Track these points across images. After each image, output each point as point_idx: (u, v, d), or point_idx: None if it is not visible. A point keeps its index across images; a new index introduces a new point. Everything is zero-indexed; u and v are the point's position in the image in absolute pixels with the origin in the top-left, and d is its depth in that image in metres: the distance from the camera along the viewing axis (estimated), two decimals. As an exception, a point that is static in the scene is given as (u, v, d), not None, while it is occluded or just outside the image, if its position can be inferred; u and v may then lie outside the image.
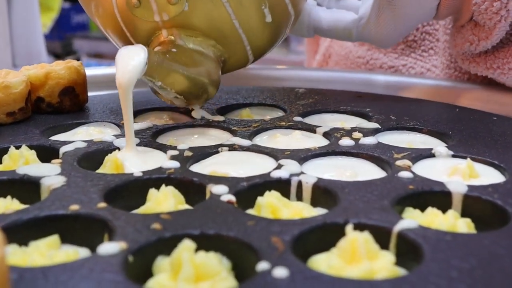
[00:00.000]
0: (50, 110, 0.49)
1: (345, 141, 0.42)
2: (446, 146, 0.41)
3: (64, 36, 2.75)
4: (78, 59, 2.63)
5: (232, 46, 0.45)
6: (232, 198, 0.32)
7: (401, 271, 0.27)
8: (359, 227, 0.29)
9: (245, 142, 0.41)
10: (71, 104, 0.50)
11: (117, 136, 0.43)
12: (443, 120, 0.48)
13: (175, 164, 0.37)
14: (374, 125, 0.46)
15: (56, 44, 2.74)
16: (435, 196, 0.34)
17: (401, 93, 0.60)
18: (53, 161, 0.38)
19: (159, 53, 0.40)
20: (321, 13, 0.55)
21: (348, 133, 0.44)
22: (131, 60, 0.37)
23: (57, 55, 2.78)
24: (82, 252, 0.29)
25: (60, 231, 0.30)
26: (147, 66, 0.38)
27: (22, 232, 0.29)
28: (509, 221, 0.30)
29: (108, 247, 0.26)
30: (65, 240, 0.30)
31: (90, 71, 0.58)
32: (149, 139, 0.43)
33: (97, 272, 0.25)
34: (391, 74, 0.67)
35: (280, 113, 0.51)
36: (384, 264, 0.27)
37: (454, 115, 0.50)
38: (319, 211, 0.33)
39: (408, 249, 0.28)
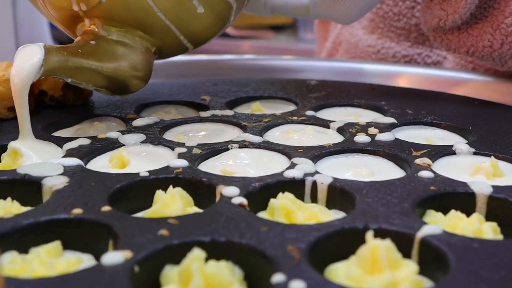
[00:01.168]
0: (53, 104, 0.47)
1: (361, 138, 0.40)
2: (467, 143, 0.39)
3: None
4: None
5: (163, 35, 0.43)
6: (243, 200, 0.30)
7: (425, 282, 0.25)
8: (379, 233, 0.27)
9: (256, 139, 0.40)
10: (75, 97, 0.48)
11: (122, 132, 0.41)
12: (461, 114, 0.46)
13: (183, 162, 0.35)
14: (390, 119, 0.44)
15: (62, 32, 2.72)
16: (458, 197, 0.32)
17: (416, 85, 0.58)
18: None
19: (63, 51, 0.39)
20: None
21: (364, 128, 0.42)
22: (26, 62, 0.37)
23: (62, 43, 2.77)
24: (85, 259, 0.28)
25: (62, 236, 0.28)
26: (43, 67, 0.37)
27: (21, 238, 0.28)
28: (538, 226, 0.29)
29: (112, 257, 0.25)
30: (67, 246, 0.28)
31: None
32: (156, 135, 0.41)
33: (100, 285, 0.23)
34: (404, 64, 0.65)
35: (291, 107, 0.49)
36: (407, 274, 0.25)
37: (473, 108, 0.48)
38: (335, 214, 0.31)
39: (432, 257, 0.26)
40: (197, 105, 0.49)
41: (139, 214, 0.31)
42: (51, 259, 0.27)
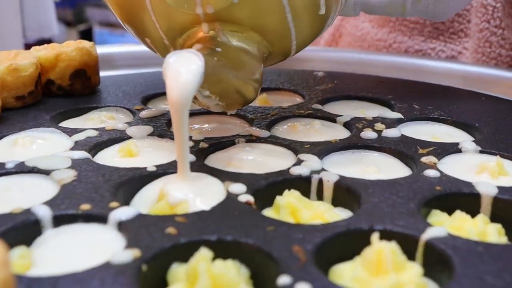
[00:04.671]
0: (61, 93, 0.48)
1: (368, 133, 0.40)
2: (473, 141, 0.39)
3: (76, 3, 2.73)
4: (90, 28, 2.59)
5: (278, 40, 0.39)
6: (250, 198, 0.31)
7: (430, 284, 0.26)
8: (385, 235, 0.27)
9: (263, 133, 0.40)
10: (83, 86, 0.48)
11: (129, 124, 0.42)
12: (469, 110, 0.46)
13: (191, 157, 0.36)
14: (396, 115, 0.44)
15: (68, 11, 2.72)
16: (463, 198, 0.32)
17: (425, 78, 0.58)
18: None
19: (210, 57, 0.34)
20: None
21: (370, 123, 0.42)
22: (186, 73, 0.31)
23: (68, 23, 2.76)
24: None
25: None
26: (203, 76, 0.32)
27: (31, 233, 0.28)
28: (543, 229, 0.29)
29: (120, 256, 0.25)
30: (75, 241, 0.28)
31: (102, 49, 0.57)
32: (163, 127, 0.41)
33: (109, 284, 0.23)
34: (414, 56, 0.65)
35: (298, 99, 0.49)
36: (412, 277, 0.25)
37: (480, 104, 0.48)
38: (341, 212, 0.32)
39: (437, 260, 0.27)
40: (204, 96, 0.49)
41: (146, 209, 0.31)
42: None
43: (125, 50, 0.65)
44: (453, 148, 0.38)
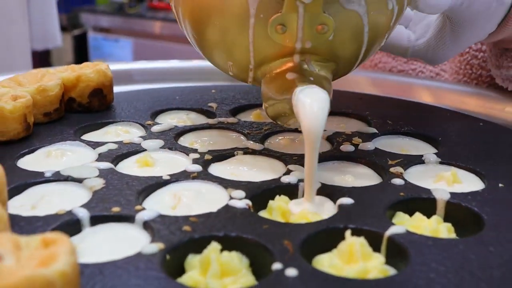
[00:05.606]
0: (81, 110, 0.55)
1: (346, 147, 0.47)
2: (435, 153, 0.47)
3: (70, 9, 2.78)
4: (84, 33, 2.64)
5: (346, 65, 0.45)
6: (249, 202, 0.38)
7: (390, 271, 0.33)
8: (356, 232, 0.34)
9: (258, 146, 0.47)
10: (99, 103, 0.55)
11: (143, 138, 0.49)
12: (435, 125, 0.53)
13: (198, 168, 0.43)
14: (372, 130, 0.52)
15: (62, 16, 2.76)
16: (422, 202, 0.39)
17: (405, 95, 0.65)
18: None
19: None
20: None
21: (349, 137, 0.49)
22: (320, 109, 0.38)
23: (63, 28, 2.81)
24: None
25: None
26: None
27: (73, 230, 0.35)
28: (483, 227, 0.36)
29: (148, 248, 0.32)
30: (109, 237, 0.36)
31: (113, 67, 0.64)
32: (172, 140, 0.48)
33: (142, 269, 0.31)
34: (396, 74, 0.72)
35: (287, 115, 0.56)
36: (376, 264, 0.32)
37: (445, 119, 0.55)
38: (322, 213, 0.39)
39: (397, 252, 0.34)
40: (205, 112, 0.56)
41: (166, 210, 0.38)
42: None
43: (135, 67, 0.71)
44: (418, 160, 0.45)
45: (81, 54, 2.76)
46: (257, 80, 0.45)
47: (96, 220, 0.36)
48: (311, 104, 0.38)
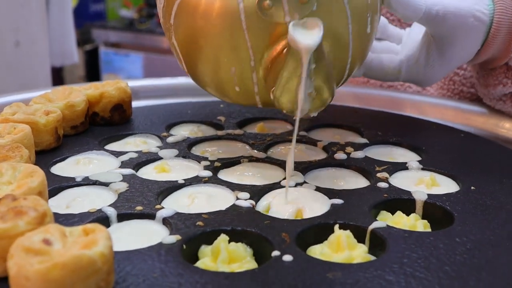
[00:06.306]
0: (103, 123, 0.61)
1: (340, 155, 0.53)
2: (419, 160, 0.53)
3: (82, 24, 2.86)
4: (96, 48, 2.70)
5: (338, 55, 0.48)
6: (253, 202, 0.44)
7: (371, 258, 0.39)
8: (343, 226, 0.40)
9: (261, 155, 0.53)
10: (120, 118, 0.61)
11: (160, 148, 0.55)
12: (421, 136, 0.60)
13: (208, 173, 0.49)
14: (364, 140, 0.58)
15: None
16: (403, 202, 0.45)
17: (395, 108, 0.71)
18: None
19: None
20: (371, 55, 0.61)
21: (343, 147, 0.55)
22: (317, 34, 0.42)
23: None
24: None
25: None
26: None
27: (103, 225, 0.41)
28: (453, 223, 0.42)
29: (168, 239, 0.38)
30: (133, 231, 0.42)
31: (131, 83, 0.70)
32: (185, 150, 0.55)
33: (163, 255, 0.37)
34: (386, 89, 0.78)
35: (289, 127, 0.62)
36: (359, 253, 0.38)
37: (430, 130, 0.62)
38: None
39: (378, 242, 0.40)
40: (215, 124, 0.62)
41: (182, 209, 0.44)
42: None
43: (148, 83, 0.78)
44: (402, 166, 0.51)
45: (92, 68, 2.84)
46: (262, 90, 0.48)
47: (122, 217, 0.42)
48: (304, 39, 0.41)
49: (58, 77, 2.45)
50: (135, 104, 0.67)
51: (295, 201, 0.44)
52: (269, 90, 0.46)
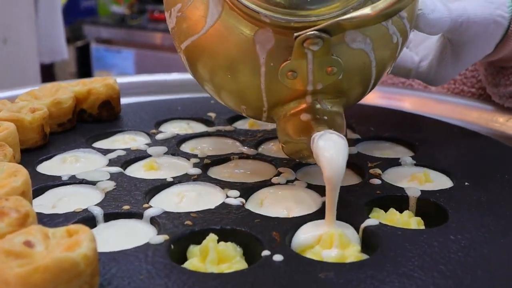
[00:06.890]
0: (91, 120, 0.60)
1: (331, 151, 0.52)
2: (411, 156, 0.52)
3: (73, 20, 2.84)
4: (87, 44, 2.69)
5: (355, 101, 0.47)
6: (243, 200, 0.43)
7: (364, 256, 0.38)
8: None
9: (252, 152, 0.52)
10: (108, 114, 0.60)
11: (149, 145, 0.54)
12: (414, 131, 0.59)
13: (198, 171, 0.48)
14: (356, 135, 0.57)
15: (65, 28, 2.83)
16: (396, 199, 0.44)
17: (391, 104, 0.70)
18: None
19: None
20: None
21: (334, 143, 0.54)
22: (340, 156, 0.39)
23: (67, 39, 2.88)
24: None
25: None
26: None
27: (90, 225, 0.40)
28: (448, 220, 0.41)
29: (156, 239, 0.37)
30: (120, 231, 0.41)
31: (119, 80, 0.69)
32: (175, 147, 0.54)
33: (150, 256, 0.36)
34: (386, 86, 0.77)
35: (280, 123, 0.61)
36: (353, 251, 0.38)
37: (423, 126, 0.61)
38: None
39: (371, 241, 0.39)
40: (205, 121, 0.61)
41: (170, 207, 0.43)
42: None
43: (139, 80, 0.77)
44: (395, 162, 0.51)
45: (84, 65, 2.82)
46: (271, 119, 0.46)
47: (109, 216, 0.41)
48: (331, 155, 0.39)
49: (49, 73, 2.43)
50: (124, 100, 0.66)
51: (286, 199, 0.43)
52: (279, 137, 0.45)
